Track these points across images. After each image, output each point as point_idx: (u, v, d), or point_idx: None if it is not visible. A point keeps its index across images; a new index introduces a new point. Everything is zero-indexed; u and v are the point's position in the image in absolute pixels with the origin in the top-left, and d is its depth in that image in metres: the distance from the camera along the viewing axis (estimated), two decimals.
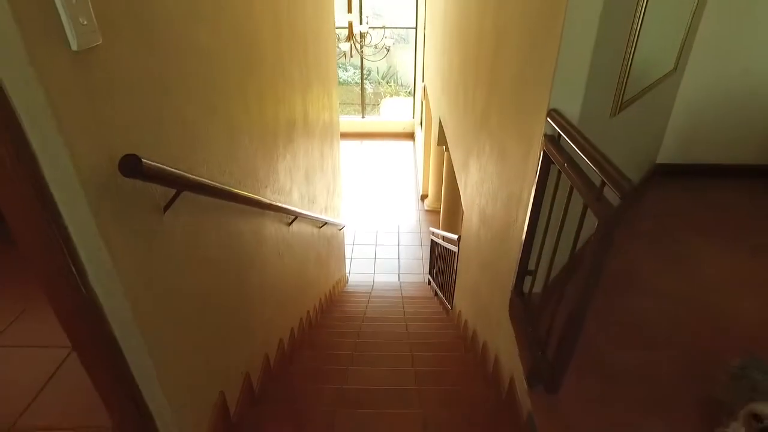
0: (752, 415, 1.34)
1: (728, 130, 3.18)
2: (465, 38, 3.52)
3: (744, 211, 2.94)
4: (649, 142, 3.06)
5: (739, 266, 2.43)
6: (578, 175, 1.41)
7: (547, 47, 1.68)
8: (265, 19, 2.18)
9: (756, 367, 1.56)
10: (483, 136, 2.80)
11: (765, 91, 3.03)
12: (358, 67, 11.83)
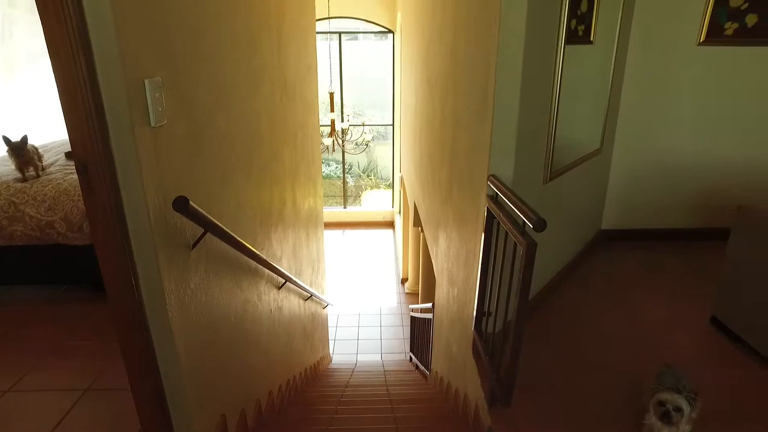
0: (658, 402, 1.68)
1: (659, 199, 3.72)
2: (431, 125, 4.13)
3: (676, 268, 3.39)
4: (592, 210, 3.57)
5: (672, 311, 2.83)
6: (509, 220, 1.85)
7: (484, 128, 2.19)
8: (262, 111, 2.71)
9: (670, 373, 1.91)
10: (447, 208, 3.28)
11: (686, 164, 3.61)
12: (341, 162, 12.66)
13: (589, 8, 2.79)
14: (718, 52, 3.37)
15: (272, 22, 2.93)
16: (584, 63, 2.88)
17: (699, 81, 3.44)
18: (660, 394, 1.68)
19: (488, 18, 2.17)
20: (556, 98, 2.35)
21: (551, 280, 2.98)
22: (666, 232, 3.76)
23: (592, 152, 3.09)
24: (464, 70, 2.76)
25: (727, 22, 3.31)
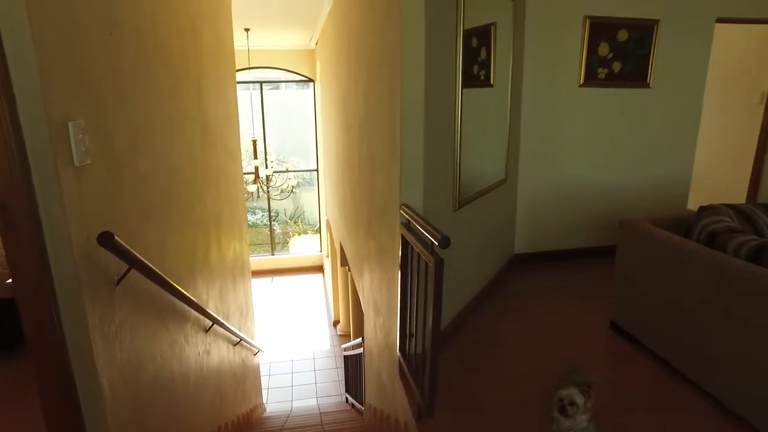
0: (558, 398, 1.88)
1: (561, 223, 4.12)
2: (352, 165, 4.35)
3: (579, 283, 3.75)
4: (504, 236, 3.88)
5: (576, 321, 3.13)
6: (420, 242, 2.04)
7: (395, 164, 2.41)
8: (184, 155, 2.78)
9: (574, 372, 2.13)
10: (369, 241, 3.45)
11: (580, 189, 4.07)
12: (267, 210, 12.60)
13: (487, 56, 3.18)
14: (595, 92, 3.90)
15: (192, 71, 3.05)
16: (487, 103, 3.25)
17: (582, 116, 3.94)
18: (559, 391, 1.89)
19: (393, 67, 2.43)
20: (458, 135, 2.63)
21: (470, 301, 3.20)
22: (569, 252, 4.15)
23: (498, 182, 3.41)
24: (377, 113, 3.00)
25: (599, 68, 3.85)
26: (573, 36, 3.77)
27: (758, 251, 2.10)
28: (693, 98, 4.17)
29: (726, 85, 5.08)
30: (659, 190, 4.27)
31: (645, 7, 3.83)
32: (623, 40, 3.85)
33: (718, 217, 2.44)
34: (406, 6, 2.23)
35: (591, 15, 3.75)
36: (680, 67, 4.04)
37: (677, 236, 2.49)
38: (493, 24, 3.27)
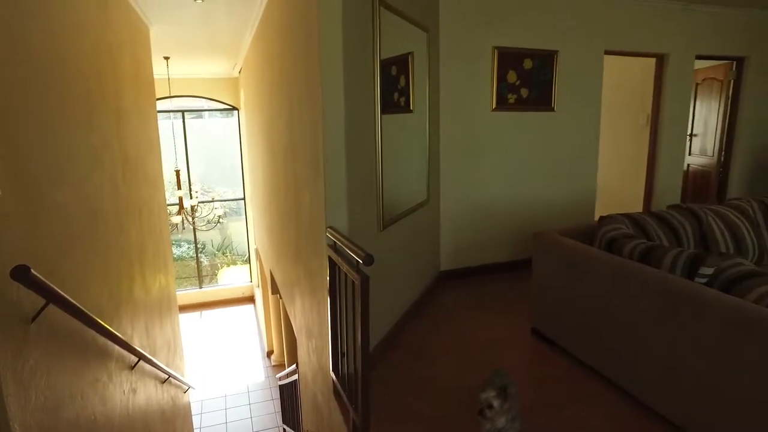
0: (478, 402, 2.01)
1: (483, 239, 4.36)
2: (278, 191, 4.36)
3: (502, 294, 3.97)
4: (430, 254, 4.04)
5: (501, 330, 3.31)
6: (346, 262, 2.12)
7: (320, 188, 2.49)
8: (104, 186, 2.70)
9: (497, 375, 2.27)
10: (299, 266, 3.48)
11: (499, 206, 4.33)
12: (193, 242, 12.15)
13: (406, 83, 3.37)
14: (506, 116, 4.21)
15: (110, 100, 2.99)
16: (407, 128, 3.42)
17: (496, 138, 4.23)
18: (479, 394, 2.01)
19: (314, 95, 2.53)
20: (380, 158, 2.76)
21: (401, 317, 3.31)
22: (492, 266, 4.39)
23: (420, 203, 3.58)
24: (301, 140, 3.08)
25: (509, 93, 4.18)
26: (484, 65, 4.08)
27: (646, 253, 2.37)
28: (592, 120, 4.62)
29: (619, 108, 5.66)
30: (569, 204, 4.64)
31: (545, 39, 4.23)
32: (528, 68, 4.21)
33: (615, 225, 2.72)
34: (324, 37, 2.35)
35: (499, 46, 4.08)
36: (579, 92, 4.48)
37: (582, 244, 2.75)
38: (410, 53, 3.48)
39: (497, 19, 4.05)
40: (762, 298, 1.92)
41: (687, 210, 3.17)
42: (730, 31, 5.20)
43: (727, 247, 3.14)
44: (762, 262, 3.27)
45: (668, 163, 5.19)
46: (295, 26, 2.96)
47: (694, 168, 6.19)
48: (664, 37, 4.82)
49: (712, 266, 2.15)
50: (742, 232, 3.23)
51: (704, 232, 3.13)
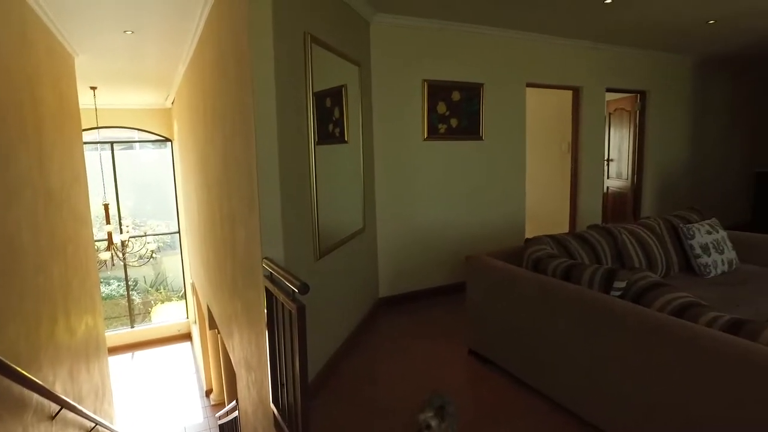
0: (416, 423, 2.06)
1: (421, 265, 4.47)
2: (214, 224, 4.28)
3: (440, 318, 4.07)
4: (369, 281, 4.09)
5: (440, 352, 3.39)
6: (283, 292, 2.13)
7: (255, 220, 2.50)
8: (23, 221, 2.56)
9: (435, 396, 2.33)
10: (236, 299, 3.42)
11: (435, 231, 4.47)
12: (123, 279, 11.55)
13: (341, 115, 3.46)
14: (438, 145, 4.40)
15: (30, 133, 2.87)
16: (343, 158, 3.50)
17: (429, 166, 4.40)
18: (417, 416, 2.06)
19: (248, 126, 2.56)
20: (314, 188, 2.81)
21: (342, 344, 3.32)
22: (429, 291, 4.50)
23: (357, 231, 3.64)
24: (236, 171, 3.08)
25: (439, 123, 4.37)
26: (415, 96, 4.27)
27: (568, 270, 2.54)
28: (517, 147, 4.91)
29: (544, 136, 6.05)
30: (501, 227, 4.87)
31: (472, 73, 4.50)
32: (457, 99, 4.44)
33: (539, 246, 2.90)
34: (256, 71, 2.41)
35: (428, 78, 4.29)
36: (504, 122, 4.76)
37: (511, 265, 2.90)
38: (344, 86, 3.59)
39: (426, 54, 4.27)
40: (665, 306, 2.12)
41: (604, 229, 3.43)
42: (634, 67, 5.74)
43: (639, 262, 3.41)
44: (669, 274, 3.57)
45: (589, 186, 5.58)
46: (228, 60, 3.00)
47: (612, 190, 6.67)
48: (577, 72, 5.25)
49: (624, 280, 2.34)
50: (651, 247, 3.52)
51: (620, 249, 3.39)
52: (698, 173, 6.75)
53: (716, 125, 6.90)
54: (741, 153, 7.31)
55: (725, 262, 3.73)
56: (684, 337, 1.90)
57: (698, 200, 6.67)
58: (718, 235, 3.84)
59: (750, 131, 7.31)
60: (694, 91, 6.51)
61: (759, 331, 1.82)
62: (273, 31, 2.40)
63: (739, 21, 4.59)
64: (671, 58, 6.13)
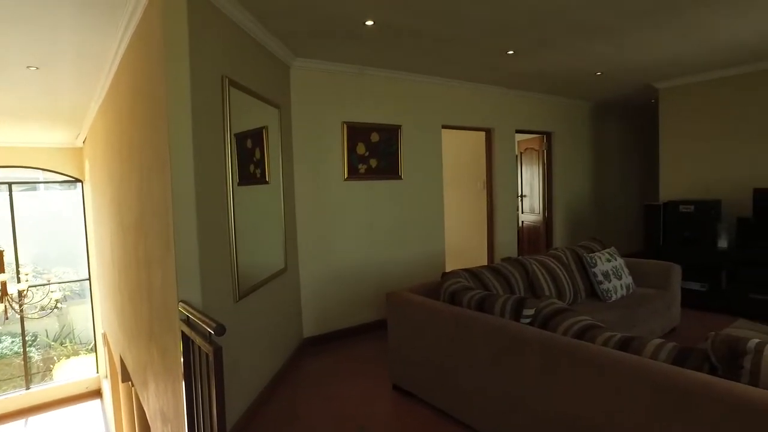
0: None
1: (345, 303, 4.48)
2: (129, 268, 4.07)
3: (365, 355, 4.08)
4: (293, 321, 4.04)
5: (365, 389, 3.39)
6: (200, 335, 2.08)
7: (171, 262, 2.44)
8: None
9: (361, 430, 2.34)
10: (152, 345, 3.25)
11: (358, 269, 4.52)
12: (19, 334, 10.49)
13: (261, 156, 3.49)
14: (358, 185, 4.51)
15: None
16: (264, 198, 3.51)
17: (351, 206, 4.50)
18: None
19: (164, 168, 2.53)
20: (233, 230, 2.80)
21: (265, 387, 3.25)
22: (354, 329, 4.52)
23: (278, 272, 3.62)
24: (151, 214, 3.00)
25: (359, 164, 4.51)
26: (335, 138, 4.38)
27: (481, 301, 2.68)
28: (435, 185, 5.14)
29: (463, 174, 6.38)
30: (423, 263, 5.02)
31: (390, 115, 4.71)
32: (376, 141, 4.61)
33: (455, 279, 3.04)
34: (172, 112, 2.40)
35: (348, 121, 4.44)
36: (422, 162, 4.99)
37: (429, 299, 3.01)
38: (265, 127, 3.64)
39: (345, 97, 4.43)
40: (568, 329, 2.29)
41: (516, 261, 3.65)
42: (540, 111, 6.28)
43: (549, 291, 3.65)
44: (577, 300, 3.85)
45: (504, 221, 5.92)
46: (144, 100, 2.96)
47: (527, 224, 7.11)
48: (489, 115, 5.65)
49: (532, 307, 2.51)
50: (559, 276, 3.79)
51: (531, 279, 3.62)
52: (601, 206, 7.37)
53: (613, 163, 7.63)
54: (634, 188, 8.09)
55: (624, 287, 4.08)
56: (584, 356, 2.07)
57: (602, 231, 7.27)
58: (616, 262, 4.21)
59: (640, 168, 8.14)
60: (593, 132, 7.19)
61: (643, 346, 2.02)
62: (189, 73, 2.42)
63: (620, 74, 5.19)
64: (573, 103, 6.76)
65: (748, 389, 1.61)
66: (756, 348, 1.73)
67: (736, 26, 3.68)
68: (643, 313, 3.77)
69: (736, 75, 5.13)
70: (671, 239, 5.39)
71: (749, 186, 5.05)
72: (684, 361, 1.91)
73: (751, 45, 4.27)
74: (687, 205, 5.28)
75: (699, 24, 3.59)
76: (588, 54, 4.33)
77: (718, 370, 1.81)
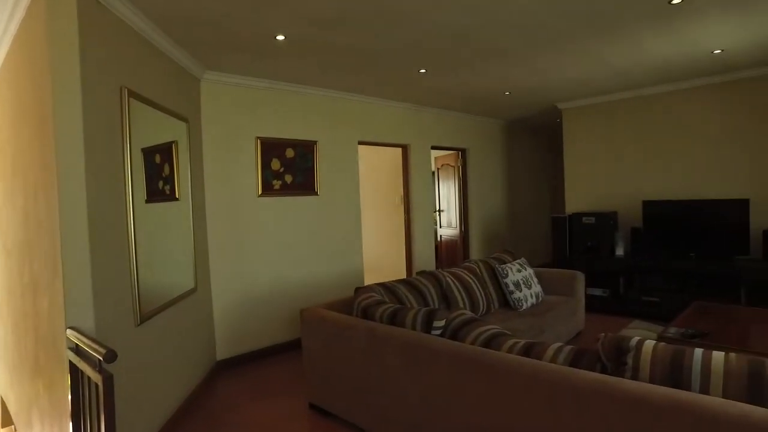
0: None
1: (262, 322, 4.34)
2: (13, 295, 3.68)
3: (281, 375, 3.96)
4: (204, 344, 3.84)
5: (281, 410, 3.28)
6: (90, 363, 1.91)
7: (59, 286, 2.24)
8: None
9: None
10: (37, 381, 2.95)
11: (274, 287, 4.40)
12: None
13: (171, 171, 3.32)
14: (274, 201, 4.43)
15: None
16: (174, 216, 3.33)
17: (266, 223, 4.39)
18: None
19: (51, 185, 2.33)
20: (133, 250, 2.63)
21: (173, 415, 3.05)
22: (272, 349, 4.39)
23: (187, 292, 3.44)
24: (37, 235, 2.74)
25: (274, 180, 4.43)
26: (248, 153, 4.28)
27: (393, 315, 2.70)
28: (352, 201, 5.15)
29: (382, 190, 6.45)
30: (341, 279, 4.99)
31: (305, 131, 4.68)
32: (291, 156, 4.56)
33: (368, 294, 3.04)
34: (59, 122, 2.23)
35: (261, 136, 4.35)
36: (339, 177, 5.00)
37: (342, 314, 2.98)
38: (174, 142, 3.48)
39: (259, 112, 4.35)
40: (476, 339, 2.36)
41: (430, 274, 3.73)
42: (455, 127, 6.52)
43: (463, 302, 3.75)
44: (490, 310, 3.99)
45: (422, 235, 6.04)
46: (28, 112, 2.73)
47: (445, 238, 7.30)
48: (405, 131, 5.78)
49: (442, 319, 2.55)
50: (473, 288, 3.91)
51: (445, 291, 3.70)
52: (514, 219, 7.74)
53: (526, 178, 8.07)
54: (545, 202, 8.60)
55: (533, 296, 4.28)
56: (490, 363, 2.13)
57: (516, 243, 7.63)
58: (526, 272, 4.42)
59: (550, 183, 8.67)
60: (506, 149, 7.57)
61: (544, 351, 2.12)
62: (81, 83, 2.26)
63: (526, 94, 5.53)
64: (486, 120, 7.08)
65: (630, 384, 1.73)
66: (636, 345, 1.87)
67: (620, 56, 4.04)
68: (551, 319, 3.98)
69: (626, 98, 5.64)
70: (576, 249, 5.76)
71: (640, 198, 5.53)
72: (579, 362, 2.02)
73: (634, 74, 4.72)
74: (589, 216, 5.68)
75: (590, 52, 3.90)
76: (496, 75, 4.57)
77: (607, 368, 1.94)
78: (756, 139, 4.81)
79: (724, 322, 3.57)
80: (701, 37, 3.65)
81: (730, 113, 4.95)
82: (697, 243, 5.07)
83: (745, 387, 1.62)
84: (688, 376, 1.73)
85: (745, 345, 3.10)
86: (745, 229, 4.73)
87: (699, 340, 3.22)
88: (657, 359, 1.80)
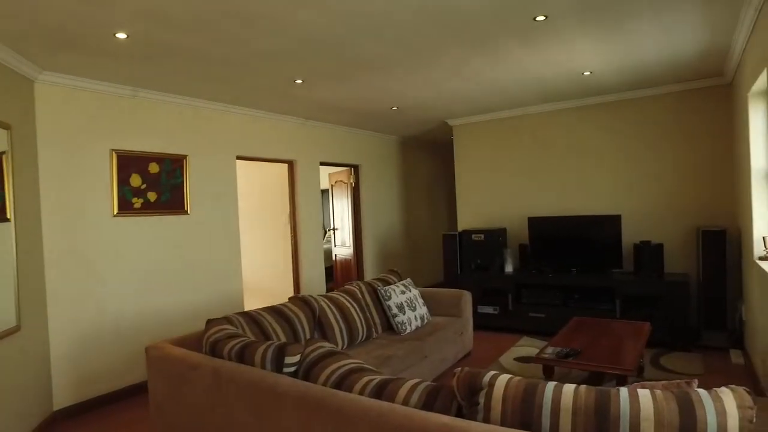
0: None
1: (117, 360, 3.78)
2: None
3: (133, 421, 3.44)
4: (34, 392, 3.22)
5: None
6: None
7: None
8: None
9: None
10: None
11: (132, 321, 3.86)
12: None
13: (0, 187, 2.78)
14: (133, 221, 3.91)
15: None
16: None
17: (123, 246, 3.86)
18: None
19: None
20: None
21: None
22: (128, 389, 3.83)
23: (7, 331, 2.86)
24: None
25: (134, 197, 3.92)
26: (101, 168, 3.74)
27: (241, 351, 2.36)
28: (230, 220, 4.73)
29: (265, 207, 6.07)
30: (216, 307, 4.53)
31: (172, 143, 4.22)
32: (155, 172, 4.07)
33: (220, 327, 2.67)
34: None
35: (118, 149, 3.84)
36: (214, 195, 4.57)
37: (189, 351, 2.59)
38: (4, 153, 2.94)
39: (115, 122, 3.84)
40: (329, 377, 2.09)
41: (301, 299, 3.42)
42: (346, 143, 6.32)
43: (339, 329, 3.48)
44: (371, 336, 3.76)
45: (310, 255, 5.72)
46: None
47: (340, 257, 7.04)
48: (291, 146, 5.47)
49: (295, 354, 2.26)
50: (351, 313, 3.65)
51: (319, 318, 3.41)
52: (410, 238, 7.67)
53: (423, 196, 8.05)
54: (442, 220, 8.64)
55: (418, 318, 4.12)
56: (335, 407, 1.87)
57: (412, 262, 7.55)
58: (411, 293, 4.25)
59: (446, 201, 8.75)
60: (402, 166, 7.50)
61: (398, 389, 1.89)
62: None
63: (413, 110, 5.46)
64: (380, 136, 6.97)
65: (480, 427, 1.54)
66: (489, 382, 1.69)
67: (499, 72, 4.06)
68: (433, 342, 3.82)
69: (511, 117, 5.77)
70: (467, 267, 5.74)
71: (526, 215, 5.63)
72: (434, 402, 1.82)
73: (514, 92, 4.80)
74: (478, 233, 5.69)
75: (468, 65, 3.87)
76: (377, 88, 4.42)
77: (462, 408, 1.75)
78: (624, 157, 5.08)
79: (598, 337, 3.63)
80: (569, 56, 3.73)
81: (600, 134, 5.20)
82: (577, 258, 5.22)
83: (593, 424, 1.49)
84: (539, 414, 1.57)
85: (612, 361, 3.12)
86: (619, 244, 4.94)
87: (572, 359, 3.22)
88: (509, 397, 1.63)
